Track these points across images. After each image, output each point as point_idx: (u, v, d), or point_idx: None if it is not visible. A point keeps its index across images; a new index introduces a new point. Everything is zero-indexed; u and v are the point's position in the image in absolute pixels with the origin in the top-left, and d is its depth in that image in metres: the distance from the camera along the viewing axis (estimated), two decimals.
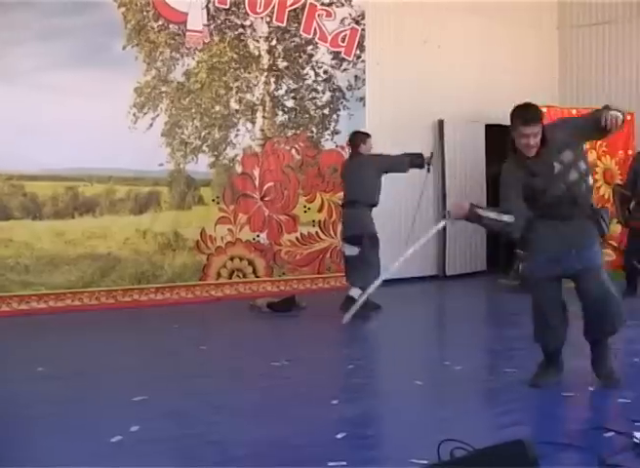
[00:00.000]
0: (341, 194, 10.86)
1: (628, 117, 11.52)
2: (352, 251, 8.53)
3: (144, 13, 9.35)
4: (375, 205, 8.75)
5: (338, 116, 10.89)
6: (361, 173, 8.60)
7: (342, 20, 10.90)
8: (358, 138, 8.85)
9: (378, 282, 6.59)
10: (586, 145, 11.03)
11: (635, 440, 4.10)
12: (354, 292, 8.23)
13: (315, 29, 10.67)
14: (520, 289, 10.29)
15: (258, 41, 10.22)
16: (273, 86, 10.37)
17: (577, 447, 4.07)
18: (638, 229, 9.76)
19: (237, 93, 10.08)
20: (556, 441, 4.13)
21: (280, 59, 10.42)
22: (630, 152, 11.22)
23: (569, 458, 3.97)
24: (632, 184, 9.86)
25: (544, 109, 10.88)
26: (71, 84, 8.75)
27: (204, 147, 9.76)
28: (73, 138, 8.75)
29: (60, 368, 6.14)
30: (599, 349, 5.57)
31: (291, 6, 10.42)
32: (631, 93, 12.56)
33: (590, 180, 5.48)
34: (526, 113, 5.23)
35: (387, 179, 11.22)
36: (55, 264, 8.86)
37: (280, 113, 10.43)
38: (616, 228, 11.05)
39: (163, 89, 9.52)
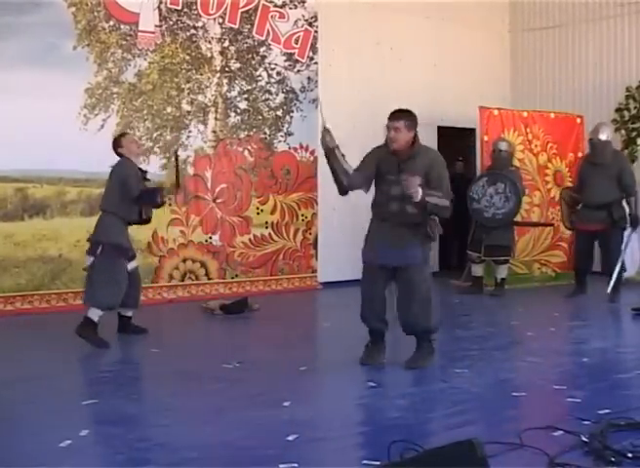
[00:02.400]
0: (294, 196, 10.97)
1: (578, 120, 11.73)
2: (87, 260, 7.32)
3: (95, 13, 9.27)
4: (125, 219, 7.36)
5: (291, 118, 10.90)
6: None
7: (296, 22, 10.90)
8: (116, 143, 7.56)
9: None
10: (537, 148, 11.27)
11: (583, 439, 4.16)
12: (93, 312, 7.12)
13: (268, 31, 10.66)
14: (471, 290, 10.40)
15: (210, 42, 10.19)
16: (226, 87, 10.34)
17: (526, 446, 4.11)
18: (584, 231, 9.87)
19: (189, 94, 10.03)
20: (506, 440, 4.16)
21: (233, 61, 10.39)
22: (580, 154, 11.36)
23: (518, 458, 4.00)
24: (580, 188, 10.01)
25: (496, 112, 11.11)
26: (21, 84, 8.65)
27: (155, 149, 9.71)
28: (23, 139, 8.63)
29: (9, 371, 6.06)
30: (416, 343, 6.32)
31: (243, 7, 10.40)
32: (581, 95, 12.70)
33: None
34: (395, 111, 6.31)
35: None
36: (4, 267, 8.75)
37: (233, 115, 10.41)
38: (566, 229, 11.20)
39: (114, 90, 9.46)
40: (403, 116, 6.23)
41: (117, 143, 7.48)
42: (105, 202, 7.32)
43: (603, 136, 9.71)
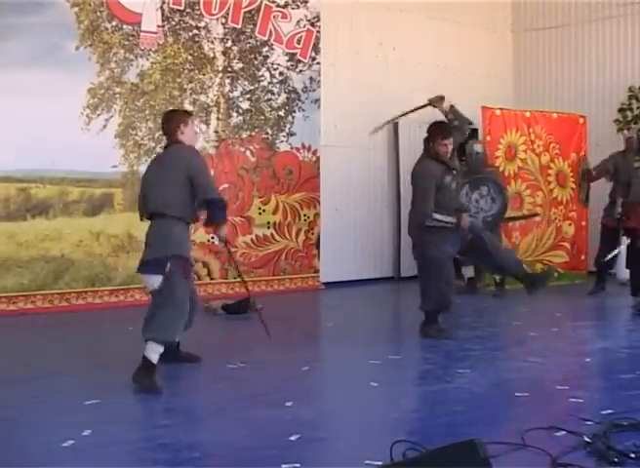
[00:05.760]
0: (296, 196, 10.97)
1: (581, 120, 11.72)
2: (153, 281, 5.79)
3: (98, 13, 9.27)
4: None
5: (293, 118, 10.90)
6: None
7: (298, 22, 10.91)
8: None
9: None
10: (540, 148, 11.21)
11: (586, 439, 4.15)
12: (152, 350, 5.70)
13: (271, 31, 10.66)
14: (466, 291, 10.39)
15: (212, 42, 10.19)
16: (228, 87, 10.34)
17: (528, 446, 4.11)
18: (610, 228, 9.86)
19: (191, 94, 10.04)
20: (508, 441, 4.16)
21: (235, 61, 10.40)
22: (582, 154, 11.36)
23: (521, 458, 4.00)
24: (600, 173, 10.21)
25: (498, 112, 11.10)
26: (24, 84, 8.65)
27: (158, 149, 9.68)
28: (25, 139, 8.64)
29: (12, 371, 6.07)
30: None
31: (246, 7, 10.41)
32: (584, 95, 12.70)
33: None
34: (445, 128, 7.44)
35: (341, 179, 11.31)
36: (7, 267, 8.75)
37: (235, 115, 10.41)
38: (568, 230, 11.20)
39: (117, 90, 9.46)
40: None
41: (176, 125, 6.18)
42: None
43: None
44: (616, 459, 3.89)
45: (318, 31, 11.08)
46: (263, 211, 10.65)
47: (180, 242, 5.86)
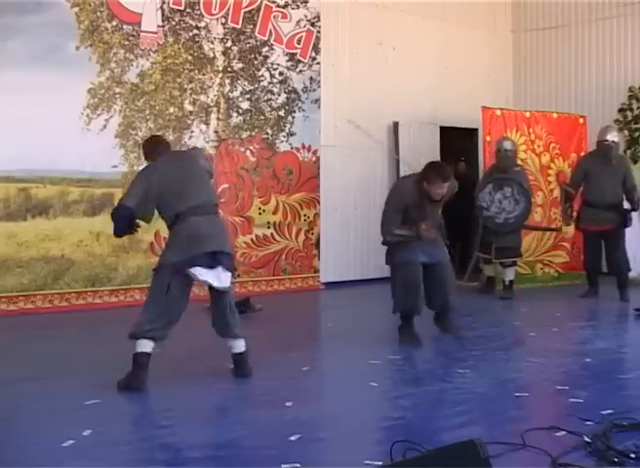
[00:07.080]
0: (296, 196, 10.96)
1: (581, 120, 11.72)
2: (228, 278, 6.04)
3: (98, 13, 9.27)
4: None
5: (293, 118, 10.90)
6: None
7: (298, 22, 10.91)
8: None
9: None
10: (540, 148, 11.19)
11: (586, 439, 4.15)
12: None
13: (271, 31, 10.66)
14: (485, 290, 10.39)
15: (212, 42, 10.19)
16: (228, 87, 10.34)
17: (528, 446, 4.11)
18: (590, 231, 9.87)
19: (191, 94, 10.04)
20: (508, 441, 4.16)
21: (235, 61, 10.40)
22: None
23: (521, 458, 4.00)
24: (577, 185, 10.01)
25: (498, 112, 11.09)
26: (24, 84, 8.64)
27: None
28: (26, 139, 8.64)
29: (12, 371, 6.07)
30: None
31: (246, 7, 10.40)
32: (584, 96, 12.69)
33: None
34: (444, 172, 7.13)
35: (341, 179, 11.33)
36: (7, 267, 8.76)
37: (235, 115, 10.41)
38: (567, 230, 11.18)
39: (117, 90, 9.46)
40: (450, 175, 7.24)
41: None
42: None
43: (616, 139, 9.79)
44: (616, 459, 3.89)
45: (318, 31, 11.08)
46: (263, 211, 10.65)
47: None
